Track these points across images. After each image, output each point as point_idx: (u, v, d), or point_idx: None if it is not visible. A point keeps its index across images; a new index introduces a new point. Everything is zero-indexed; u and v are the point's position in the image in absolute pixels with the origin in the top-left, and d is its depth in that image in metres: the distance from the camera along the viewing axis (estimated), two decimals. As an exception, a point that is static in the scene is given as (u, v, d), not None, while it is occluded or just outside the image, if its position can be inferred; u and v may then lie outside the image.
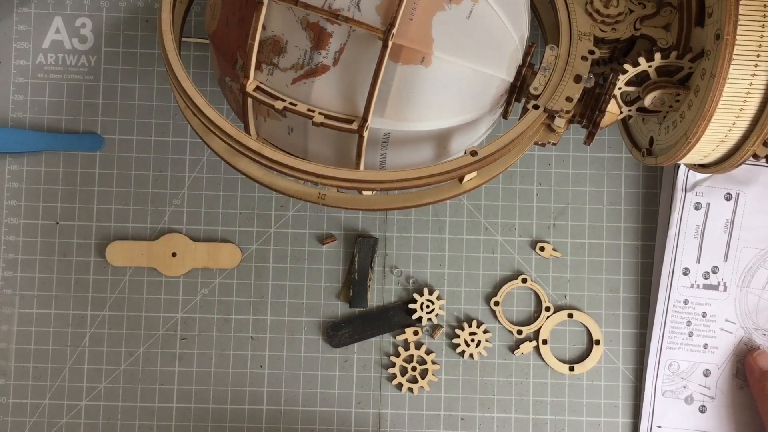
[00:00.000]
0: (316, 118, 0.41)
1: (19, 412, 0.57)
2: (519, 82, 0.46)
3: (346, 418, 0.57)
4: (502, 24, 0.44)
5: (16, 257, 0.58)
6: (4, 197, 0.58)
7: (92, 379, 0.57)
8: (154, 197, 0.58)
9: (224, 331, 0.58)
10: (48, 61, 0.58)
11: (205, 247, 0.58)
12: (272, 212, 0.58)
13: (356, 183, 0.42)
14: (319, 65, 0.41)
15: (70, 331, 0.57)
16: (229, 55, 0.44)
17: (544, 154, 0.58)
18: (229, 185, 0.58)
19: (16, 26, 0.58)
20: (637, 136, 0.53)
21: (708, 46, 0.45)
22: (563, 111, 0.45)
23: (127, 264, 0.58)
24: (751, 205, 0.57)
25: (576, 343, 0.58)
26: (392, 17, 0.40)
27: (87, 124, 0.58)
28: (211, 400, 0.58)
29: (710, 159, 0.48)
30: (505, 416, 0.57)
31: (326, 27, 0.41)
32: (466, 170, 0.43)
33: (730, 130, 0.44)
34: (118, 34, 0.59)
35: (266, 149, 0.43)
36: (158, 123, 0.58)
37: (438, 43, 0.41)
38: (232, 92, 0.46)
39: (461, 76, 0.43)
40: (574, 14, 0.48)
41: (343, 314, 0.58)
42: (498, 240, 0.58)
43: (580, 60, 0.47)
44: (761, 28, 0.42)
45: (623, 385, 0.58)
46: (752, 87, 0.43)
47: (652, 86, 0.47)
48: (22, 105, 0.58)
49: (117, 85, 0.58)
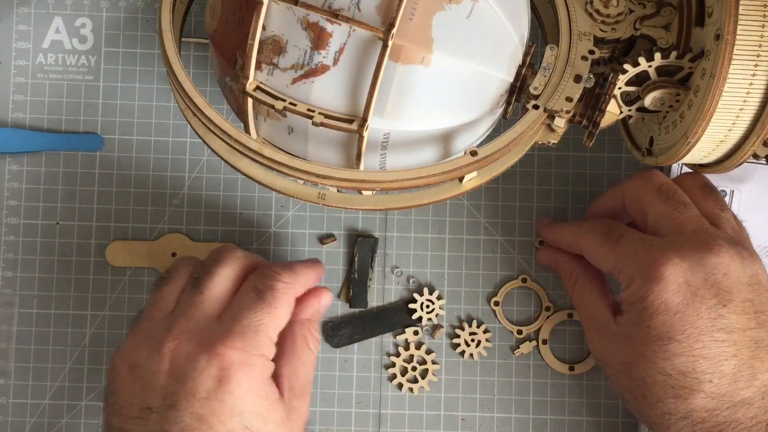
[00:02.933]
0: (316, 118, 0.41)
1: (19, 412, 0.57)
2: (519, 82, 0.46)
3: (346, 418, 0.57)
4: (502, 24, 0.44)
5: (16, 257, 0.58)
6: (4, 197, 0.58)
7: (92, 379, 0.57)
8: (154, 197, 0.58)
9: (224, 331, 0.58)
10: (48, 61, 0.58)
11: (205, 247, 0.57)
12: (272, 212, 0.58)
13: (356, 183, 0.43)
14: (319, 65, 0.41)
15: (70, 331, 0.57)
16: (229, 55, 0.44)
17: (544, 154, 0.58)
18: (229, 185, 0.58)
19: (16, 26, 0.58)
20: (637, 136, 0.53)
21: (708, 46, 0.45)
22: (563, 111, 0.45)
23: (127, 264, 0.58)
24: (746, 202, 0.57)
25: (576, 343, 0.58)
26: (392, 17, 0.40)
27: (87, 124, 0.58)
28: (211, 400, 0.58)
29: (710, 159, 0.48)
30: (505, 416, 0.57)
31: (326, 27, 0.41)
32: (466, 170, 0.43)
33: (730, 129, 0.44)
34: (118, 34, 0.59)
35: (266, 149, 0.43)
36: (158, 123, 0.58)
37: (438, 43, 0.41)
38: (232, 92, 0.46)
39: (461, 76, 0.43)
40: (574, 14, 0.48)
41: (343, 314, 0.58)
42: (498, 240, 0.58)
43: (580, 60, 0.47)
44: (761, 28, 0.42)
45: (623, 385, 0.58)
46: (752, 87, 0.43)
47: (652, 86, 0.47)
48: (22, 105, 0.58)
49: (117, 85, 0.58)
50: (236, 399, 0.43)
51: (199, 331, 0.45)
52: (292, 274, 0.48)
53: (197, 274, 0.48)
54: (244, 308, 0.46)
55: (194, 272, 0.48)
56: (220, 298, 0.47)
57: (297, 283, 0.48)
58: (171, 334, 0.45)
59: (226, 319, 0.46)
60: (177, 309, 0.47)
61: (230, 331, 0.44)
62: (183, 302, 0.47)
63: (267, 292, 0.46)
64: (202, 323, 0.45)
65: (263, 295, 0.46)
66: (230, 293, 0.47)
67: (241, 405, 0.44)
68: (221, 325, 0.45)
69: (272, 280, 0.47)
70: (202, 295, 0.47)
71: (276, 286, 0.47)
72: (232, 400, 0.43)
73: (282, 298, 0.47)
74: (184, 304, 0.47)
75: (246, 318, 0.45)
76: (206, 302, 0.46)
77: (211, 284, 0.47)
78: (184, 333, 0.45)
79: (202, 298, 0.46)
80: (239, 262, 0.48)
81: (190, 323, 0.45)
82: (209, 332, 0.45)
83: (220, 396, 0.43)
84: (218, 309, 0.46)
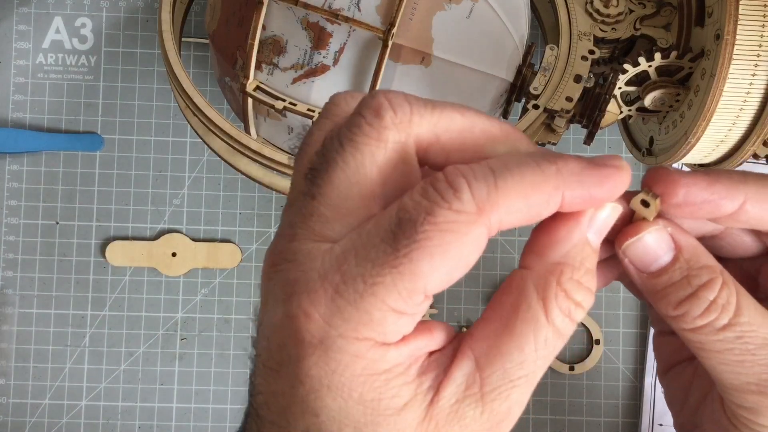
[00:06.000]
0: (316, 118, 0.41)
1: (19, 412, 0.57)
2: (519, 82, 0.46)
3: (346, 418, 0.57)
4: (502, 24, 0.44)
5: (16, 257, 0.58)
6: (4, 197, 0.58)
7: (92, 379, 0.57)
8: (154, 197, 0.58)
9: (224, 331, 0.58)
10: (48, 61, 0.58)
11: (205, 247, 0.57)
12: (272, 212, 0.58)
13: (356, 183, 0.42)
14: (319, 65, 0.41)
15: (70, 331, 0.57)
16: (229, 55, 0.44)
17: (544, 154, 0.58)
18: (229, 185, 0.58)
19: (16, 26, 0.58)
20: (637, 136, 0.53)
21: (708, 46, 0.45)
22: (563, 111, 0.45)
23: (127, 264, 0.58)
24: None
25: (576, 343, 0.58)
26: (392, 17, 0.40)
27: (87, 124, 0.58)
28: (211, 400, 0.58)
29: (710, 159, 0.48)
30: (505, 416, 0.57)
31: (326, 27, 0.41)
32: (466, 170, 0.43)
33: (730, 129, 0.44)
34: (118, 34, 0.59)
35: (266, 149, 0.43)
36: (158, 123, 0.58)
37: (438, 43, 0.41)
38: (232, 92, 0.46)
39: (461, 76, 0.43)
40: (574, 14, 0.48)
41: (343, 314, 0.58)
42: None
43: (580, 60, 0.47)
44: (761, 28, 0.42)
45: (623, 385, 0.58)
46: (752, 87, 0.43)
47: (652, 86, 0.47)
48: (22, 105, 0.58)
49: (117, 85, 0.58)
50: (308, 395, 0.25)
51: (289, 263, 0.26)
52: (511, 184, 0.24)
53: (314, 162, 0.27)
54: (364, 246, 0.25)
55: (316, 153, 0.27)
56: (345, 207, 0.26)
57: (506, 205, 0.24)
58: (266, 259, 0.28)
59: (337, 253, 0.25)
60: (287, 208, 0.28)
61: (321, 287, 0.25)
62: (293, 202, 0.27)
63: (408, 229, 0.24)
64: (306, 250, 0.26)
65: (398, 236, 0.24)
66: (369, 198, 0.26)
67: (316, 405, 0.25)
68: (327, 259, 0.25)
69: (436, 204, 0.24)
70: (315, 201, 0.26)
71: (434, 219, 0.24)
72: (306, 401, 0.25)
73: (440, 236, 0.24)
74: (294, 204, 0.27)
75: (356, 268, 0.24)
76: (321, 209, 0.26)
77: (329, 184, 0.26)
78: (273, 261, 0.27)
79: (315, 204, 0.26)
80: (393, 144, 0.26)
81: (280, 245, 0.27)
82: (305, 269, 0.25)
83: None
84: (341, 220, 0.26)
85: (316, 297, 0.24)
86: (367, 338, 0.24)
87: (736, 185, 0.28)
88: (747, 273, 0.31)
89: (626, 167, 0.26)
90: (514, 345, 0.26)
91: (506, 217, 0.24)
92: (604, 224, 0.27)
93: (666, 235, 0.28)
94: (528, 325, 0.25)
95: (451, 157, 0.26)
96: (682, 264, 0.28)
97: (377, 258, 0.24)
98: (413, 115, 0.26)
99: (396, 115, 0.26)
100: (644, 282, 0.28)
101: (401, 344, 0.25)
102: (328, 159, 0.26)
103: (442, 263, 0.24)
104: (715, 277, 0.27)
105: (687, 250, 0.28)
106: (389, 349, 0.25)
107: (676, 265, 0.28)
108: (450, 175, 0.24)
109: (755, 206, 0.28)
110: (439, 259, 0.24)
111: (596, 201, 0.26)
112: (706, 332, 0.28)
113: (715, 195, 0.28)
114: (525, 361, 0.26)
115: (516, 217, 0.24)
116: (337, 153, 0.26)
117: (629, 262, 0.28)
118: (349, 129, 0.26)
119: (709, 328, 0.28)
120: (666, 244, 0.28)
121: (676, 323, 0.28)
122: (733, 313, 0.27)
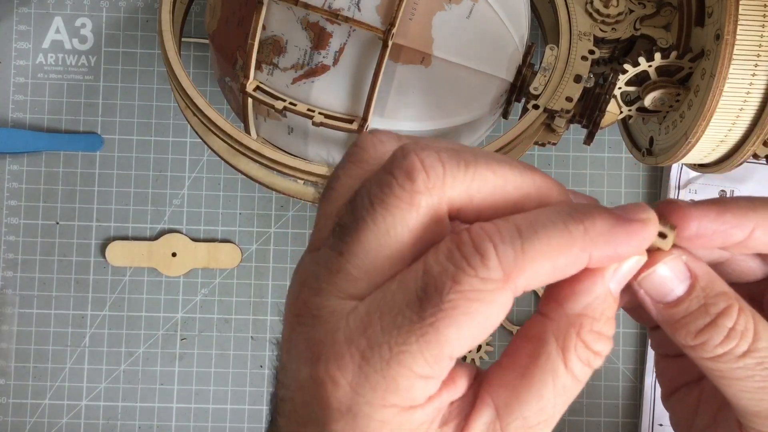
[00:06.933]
0: (315, 118, 0.41)
1: (19, 412, 0.57)
2: (519, 82, 0.46)
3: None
4: (502, 24, 0.44)
5: (16, 257, 0.58)
6: (4, 197, 0.58)
7: (92, 379, 0.57)
8: (154, 197, 0.58)
9: (224, 331, 0.58)
10: (48, 61, 0.58)
11: (205, 247, 0.57)
12: (272, 212, 0.58)
13: (356, 183, 0.42)
14: (319, 65, 0.41)
15: (70, 331, 0.57)
16: (229, 55, 0.44)
17: (544, 154, 0.58)
18: (229, 185, 0.58)
19: (16, 26, 0.58)
20: (637, 136, 0.53)
21: (708, 46, 0.45)
22: (563, 111, 0.45)
23: (127, 264, 0.58)
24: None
25: (576, 343, 0.58)
26: (392, 17, 0.40)
27: (87, 124, 0.58)
28: (211, 400, 0.58)
29: (710, 159, 0.48)
30: (505, 416, 0.57)
31: (326, 27, 0.41)
32: (466, 170, 0.43)
33: (730, 129, 0.44)
34: (118, 34, 0.59)
35: (266, 149, 0.43)
36: (158, 123, 0.58)
37: (438, 43, 0.41)
38: (232, 92, 0.46)
39: (461, 76, 0.43)
40: (574, 14, 0.48)
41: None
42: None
43: (580, 60, 0.47)
44: (761, 28, 0.42)
45: (623, 385, 0.58)
46: (752, 87, 0.43)
47: (652, 86, 0.47)
48: (22, 105, 0.58)
49: (117, 85, 0.58)
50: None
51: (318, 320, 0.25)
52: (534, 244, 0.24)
53: (343, 216, 0.26)
54: (390, 309, 0.24)
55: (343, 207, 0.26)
56: (372, 267, 0.25)
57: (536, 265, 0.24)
58: (288, 307, 0.27)
59: (362, 314, 0.25)
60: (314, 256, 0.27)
61: (348, 351, 0.24)
62: (320, 256, 0.26)
63: (434, 297, 0.24)
64: (332, 306, 0.25)
65: (423, 302, 0.24)
66: (400, 256, 0.25)
67: None
68: (352, 321, 0.25)
69: (461, 270, 0.24)
70: (342, 258, 0.25)
71: (460, 287, 0.24)
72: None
73: (466, 304, 0.24)
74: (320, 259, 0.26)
75: (382, 334, 0.24)
76: (348, 267, 0.25)
77: (358, 243, 0.25)
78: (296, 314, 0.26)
79: (342, 261, 0.25)
80: (427, 201, 0.25)
81: (313, 299, 0.26)
82: (329, 329, 0.25)
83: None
84: (368, 280, 0.25)
85: (343, 363, 0.24)
86: (394, 405, 0.24)
87: (745, 213, 0.28)
88: (753, 296, 0.30)
89: (653, 219, 0.26)
90: (533, 393, 0.26)
91: (532, 280, 0.24)
92: (627, 275, 0.26)
93: (681, 265, 0.27)
94: (547, 375, 0.26)
95: (482, 214, 0.26)
96: (698, 292, 0.27)
97: (403, 325, 0.24)
98: (446, 178, 0.25)
99: (429, 179, 0.25)
100: (661, 312, 0.28)
101: (427, 404, 0.25)
102: (358, 217, 0.25)
103: (469, 330, 0.24)
104: (732, 303, 0.27)
105: (702, 278, 0.28)
106: (416, 411, 0.25)
107: (693, 294, 0.27)
108: (476, 237, 0.24)
109: (764, 233, 0.28)
110: (466, 326, 0.24)
111: (623, 258, 0.26)
112: (726, 360, 0.27)
113: (726, 225, 0.28)
114: (544, 408, 0.26)
115: (542, 279, 0.25)
116: (367, 213, 0.25)
117: (645, 293, 0.28)
118: (380, 188, 0.25)
119: (729, 356, 0.27)
120: (682, 274, 0.28)
121: (695, 352, 0.28)
122: (752, 339, 0.27)
